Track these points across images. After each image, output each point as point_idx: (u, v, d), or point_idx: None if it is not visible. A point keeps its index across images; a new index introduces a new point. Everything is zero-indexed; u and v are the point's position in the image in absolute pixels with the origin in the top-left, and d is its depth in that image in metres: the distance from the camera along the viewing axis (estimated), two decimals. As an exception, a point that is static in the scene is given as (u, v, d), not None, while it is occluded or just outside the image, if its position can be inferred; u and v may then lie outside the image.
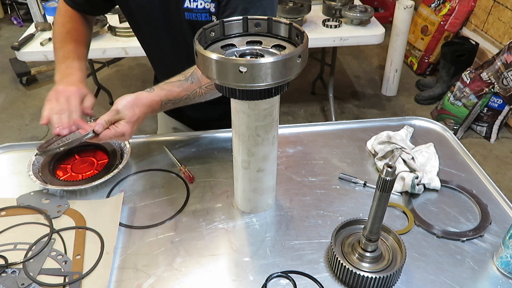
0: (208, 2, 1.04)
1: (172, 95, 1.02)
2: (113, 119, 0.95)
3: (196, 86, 1.03)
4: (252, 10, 1.01)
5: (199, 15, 1.05)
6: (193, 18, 1.06)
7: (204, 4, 1.04)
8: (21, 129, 3.11)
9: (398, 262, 0.81)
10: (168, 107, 1.03)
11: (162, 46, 1.20)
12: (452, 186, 1.06)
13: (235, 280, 0.84)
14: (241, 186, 0.94)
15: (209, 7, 1.05)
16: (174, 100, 1.02)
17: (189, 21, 1.07)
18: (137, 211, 0.99)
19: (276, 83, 0.70)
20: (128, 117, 0.95)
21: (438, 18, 3.46)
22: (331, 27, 2.56)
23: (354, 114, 3.30)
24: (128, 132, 0.96)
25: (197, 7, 1.05)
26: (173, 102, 1.03)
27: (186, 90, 1.02)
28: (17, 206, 0.99)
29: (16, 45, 2.27)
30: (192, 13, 1.06)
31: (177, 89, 1.02)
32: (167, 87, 1.02)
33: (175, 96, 1.02)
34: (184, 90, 1.02)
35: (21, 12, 4.71)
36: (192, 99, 1.04)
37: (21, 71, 3.53)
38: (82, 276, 0.82)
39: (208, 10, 1.05)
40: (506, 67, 2.70)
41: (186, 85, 1.02)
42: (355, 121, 1.35)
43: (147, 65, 2.33)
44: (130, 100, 0.96)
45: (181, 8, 1.06)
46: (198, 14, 1.05)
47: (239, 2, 1.01)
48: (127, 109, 0.95)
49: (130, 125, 0.96)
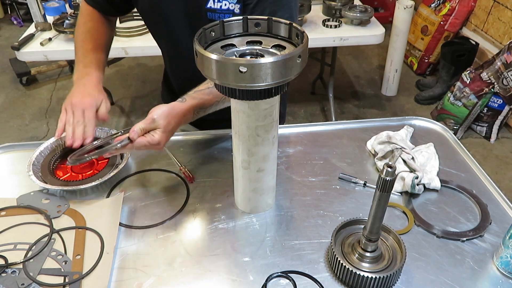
0: (233, 3, 1.04)
1: (204, 103, 1.02)
2: (148, 127, 0.95)
3: None
4: (280, 13, 1.00)
5: (223, 15, 1.05)
6: (216, 18, 1.05)
7: (228, 5, 1.04)
8: (21, 129, 3.11)
9: (398, 262, 0.81)
10: (200, 115, 1.03)
11: (180, 46, 1.19)
12: (452, 186, 1.06)
13: (235, 280, 0.84)
14: (241, 186, 0.94)
15: (234, 8, 1.04)
16: (206, 107, 1.03)
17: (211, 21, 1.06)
18: (137, 211, 0.99)
19: (276, 83, 0.70)
20: (163, 126, 0.95)
21: (438, 18, 3.46)
22: (331, 27, 2.56)
23: (354, 114, 3.30)
24: (163, 141, 0.95)
25: (221, 7, 1.04)
26: (205, 110, 1.03)
27: (217, 97, 1.03)
28: (17, 206, 0.99)
29: (16, 45, 2.27)
30: (216, 14, 1.05)
31: (208, 97, 1.02)
32: (198, 95, 1.02)
33: (207, 104, 1.02)
34: (215, 97, 1.02)
35: (21, 12, 4.71)
36: (222, 104, 1.05)
37: (21, 71, 3.53)
38: (82, 276, 0.82)
39: (232, 11, 1.04)
40: (506, 67, 2.70)
41: (215, 91, 1.02)
42: (355, 121, 1.35)
43: (147, 65, 2.34)
44: (166, 110, 0.96)
45: (204, 8, 1.05)
46: (221, 14, 1.05)
47: (268, 4, 1.01)
48: (162, 119, 0.95)
49: (165, 135, 0.95)
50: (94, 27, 1.21)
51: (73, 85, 1.12)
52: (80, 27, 1.21)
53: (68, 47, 2.32)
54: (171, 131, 0.97)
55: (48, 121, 3.16)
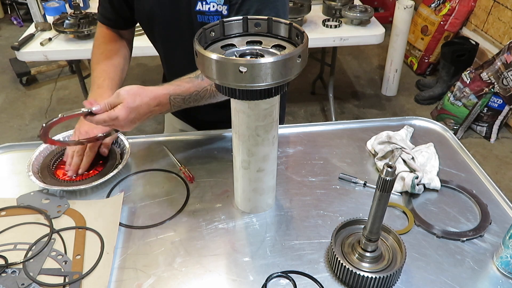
0: (221, 4, 1.04)
1: (181, 89, 1.01)
2: (113, 102, 0.93)
3: (206, 83, 1.02)
4: (266, 12, 1.00)
5: (212, 17, 1.05)
6: (205, 20, 1.05)
7: (216, 6, 1.04)
8: (21, 129, 3.11)
9: (398, 262, 0.81)
10: (178, 105, 1.02)
11: (175, 50, 1.20)
12: (452, 186, 1.06)
13: (235, 280, 0.84)
14: (241, 186, 0.94)
15: (221, 10, 1.04)
16: (183, 95, 1.01)
17: (201, 24, 1.06)
18: (137, 211, 0.99)
19: (276, 83, 0.70)
20: (126, 101, 0.93)
21: (438, 18, 3.46)
22: (331, 27, 2.56)
23: (354, 114, 3.30)
24: (122, 116, 0.92)
25: (209, 9, 1.04)
26: (183, 98, 1.01)
27: (196, 87, 1.02)
28: (17, 206, 0.99)
29: (16, 45, 2.27)
30: (205, 16, 1.05)
31: (187, 85, 1.01)
32: (176, 82, 1.02)
33: (184, 91, 1.01)
34: (193, 86, 1.02)
35: (21, 12, 4.71)
36: (203, 97, 1.03)
37: (21, 71, 3.53)
38: (82, 276, 0.82)
39: (220, 13, 1.04)
40: (506, 67, 2.70)
41: (196, 82, 1.02)
42: (355, 121, 1.35)
43: (147, 65, 2.34)
44: (135, 87, 0.95)
45: (193, 11, 1.05)
46: (210, 16, 1.05)
47: (253, 3, 1.00)
48: (126, 93, 0.94)
49: (126, 110, 0.92)
50: (107, 48, 1.23)
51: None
52: (95, 49, 1.23)
53: (68, 47, 2.33)
54: (135, 109, 0.94)
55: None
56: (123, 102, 0.93)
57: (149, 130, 2.85)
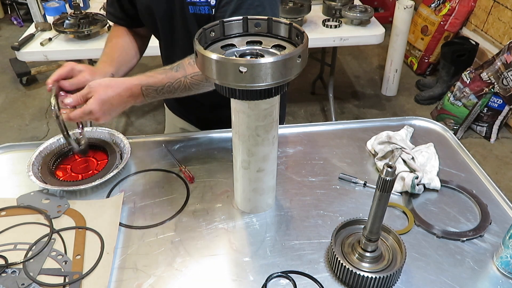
0: None
1: (154, 80, 1.01)
2: (85, 93, 0.94)
3: (180, 75, 1.02)
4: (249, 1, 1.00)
5: (202, 8, 1.06)
6: (197, 11, 1.06)
7: None
8: (21, 129, 3.11)
9: (398, 262, 0.81)
10: (152, 95, 1.02)
11: (173, 45, 1.20)
12: (452, 186, 1.06)
13: (235, 280, 0.84)
14: (241, 186, 0.94)
15: (210, 0, 1.05)
16: (155, 86, 1.01)
17: (194, 15, 1.07)
18: (137, 211, 0.99)
19: (276, 83, 0.70)
20: (98, 93, 0.94)
21: (438, 18, 3.46)
22: (331, 27, 2.56)
23: (354, 114, 3.30)
24: (96, 110, 0.94)
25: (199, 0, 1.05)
26: (155, 89, 1.02)
27: (169, 78, 1.02)
28: (17, 206, 0.99)
29: (16, 45, 2.27)
30: (196, 7, 1.06)
31: (160, 76, 1.02)
32: (149, 73, 1.03)
33: (157, 82, 1.01)
34: (166, 78, 1.02)
35: (21, 12, 4.71)
36: (177, 88, 1.03)
37: (21, 71, 3.53)
38: (82, 276, 0.82)
39: (209, 3, 1.05)
40: (506, 67, 2.70)
41: (170, 73, 1.02)
42: (355, 121, 1.35)
43: (147, 65, 2.34)
44: (107, 79, 0.96)
45: (185, 2, 1.06)
46: (201, 7, 1.06)
47: None
48: (99, 86, 0.95)
49: (98, 103, 0.94)
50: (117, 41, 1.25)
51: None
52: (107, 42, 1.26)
53: (68, 47, 2.33)
54: (108, 101, 0.96)
55: (48, 121, 3.16)
56: (94, 94, 0.94)
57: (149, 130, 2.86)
